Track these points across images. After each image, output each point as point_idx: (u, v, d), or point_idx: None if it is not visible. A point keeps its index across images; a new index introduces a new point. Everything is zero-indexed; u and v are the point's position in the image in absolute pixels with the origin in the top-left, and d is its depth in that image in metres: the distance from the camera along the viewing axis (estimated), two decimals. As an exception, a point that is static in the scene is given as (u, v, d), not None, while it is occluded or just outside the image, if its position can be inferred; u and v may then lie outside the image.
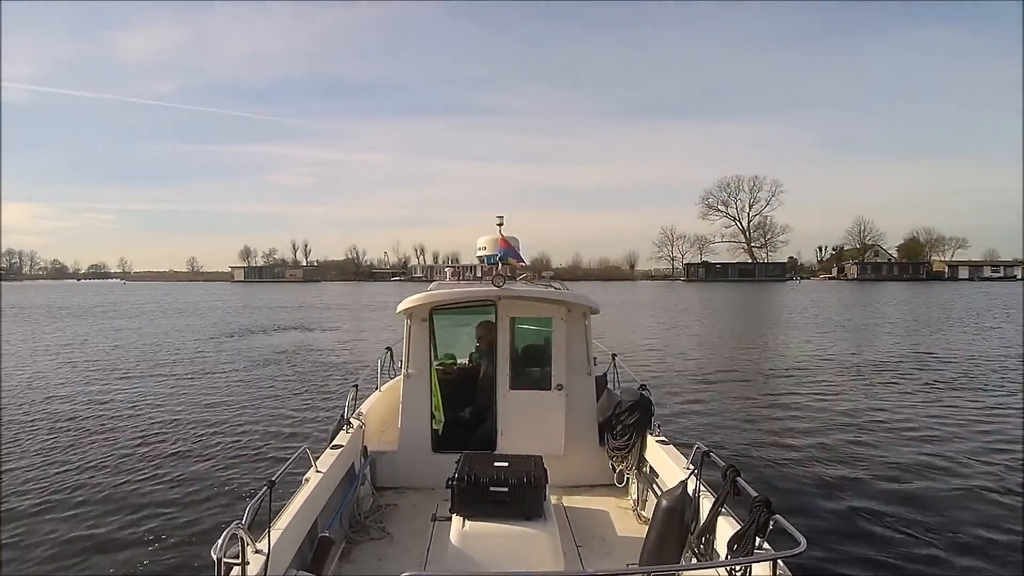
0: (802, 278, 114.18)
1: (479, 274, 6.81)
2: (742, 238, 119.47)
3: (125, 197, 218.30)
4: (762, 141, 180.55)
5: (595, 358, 6.26)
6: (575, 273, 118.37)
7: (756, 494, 3.10)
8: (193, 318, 34.61)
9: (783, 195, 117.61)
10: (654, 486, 4.94)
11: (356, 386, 5.96)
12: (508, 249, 5.79)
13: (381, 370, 7.22)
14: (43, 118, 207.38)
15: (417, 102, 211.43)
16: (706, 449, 3.91)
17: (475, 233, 6.29)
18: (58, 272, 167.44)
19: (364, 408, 6.22)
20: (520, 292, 5.59)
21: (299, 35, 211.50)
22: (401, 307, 5.64)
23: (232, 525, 2.77)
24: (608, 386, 6.72)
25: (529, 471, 3.80)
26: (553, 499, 5.28)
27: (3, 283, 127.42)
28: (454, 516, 3.74)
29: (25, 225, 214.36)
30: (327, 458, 4.65)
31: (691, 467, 4.11)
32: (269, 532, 3.18)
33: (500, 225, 5.85)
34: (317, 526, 4.05)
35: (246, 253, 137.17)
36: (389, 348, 7.37)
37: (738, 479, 3.40)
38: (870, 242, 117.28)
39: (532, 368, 5.86)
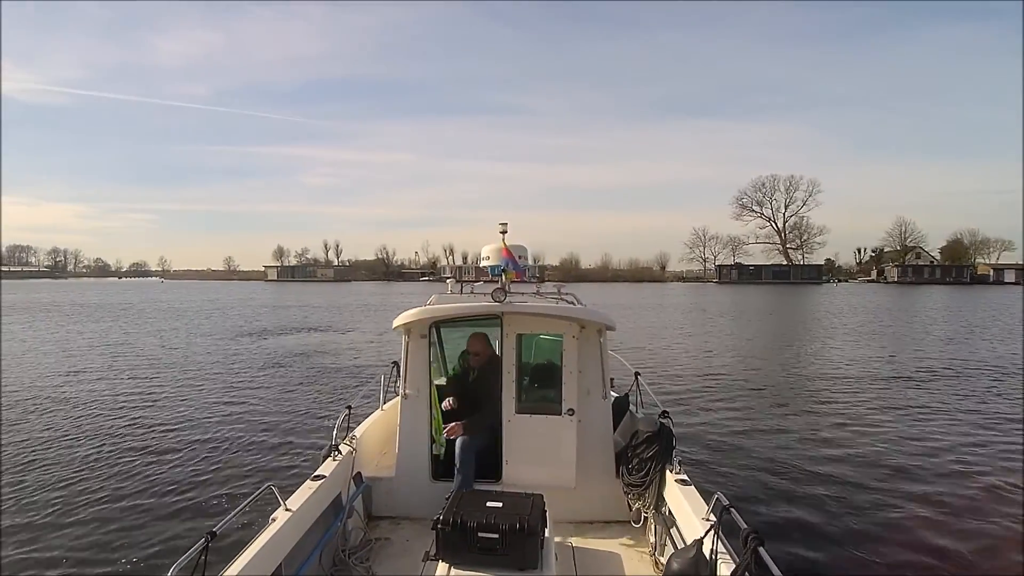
0: (839, 280, 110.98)
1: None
2: (777, 239, 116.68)
3: (164, 197, 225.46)
4: (797, 140, 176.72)
5: (612, 379, 5.72)
6: (604, 274, 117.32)
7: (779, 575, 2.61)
8: (215, 318, 34.77)
9: (820, 195, 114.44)
10: (672, 532, 4.38)
11: (349, 407, 5.44)
12: (508, 259, 5.22)
13: (386, 386, 6.67)
14: (85, 121, 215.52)
15: (444, 103, 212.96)
16: (727, 504, 3.39)
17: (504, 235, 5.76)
18: (101, 270, 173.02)
19: (362, 429, 5.75)
20: (524, 308, 5.00)
21: (327, 38, 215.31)
22: (397, 322, 5.12)
23: None
24: (631, 408, 6.18)
25: (524, 515, 3.36)
26: (561, 537, 4.75)
27: (50, 280, 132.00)
28: (439, 563, 3.34)
29: (70, 224, 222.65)
30: (303, 492, 4.20)
31: (710, 520, 3.54)
32: None
33: (504, 233, 5.29)
34: (281, 573, 3.62)
35: (279, 253, 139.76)
36: (395, 363, 6.70)
37: (760, 549, 2.86)
38: (911, 244, 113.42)
39: (541, 390, 5.31)
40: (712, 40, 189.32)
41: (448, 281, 5.92)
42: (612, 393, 6.28)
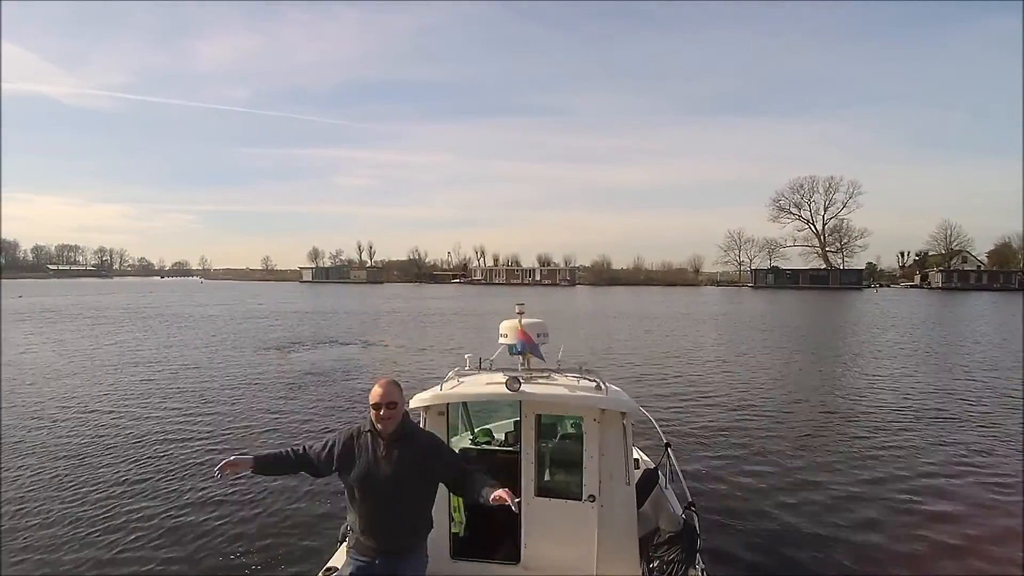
0: (881, 285, 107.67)
1: (538, 277, 5.84)
2: (816, 242, 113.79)
3: (206, 199, 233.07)
4: (836, 138, 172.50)
5: (637, 460, 5.61)
6: (636, 277, 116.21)
7: None
8: (244, 324, 35.44)
9: (861, 196, 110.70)
10: None
11: None
12: (527, 343, 5.23)
13: None
14: (130, 124, 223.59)
15: (477, 103, 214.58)
16: None
17: (534, 234, 5.59)
18: (144, 269, 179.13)
19: None
20: (541, 397, 4.95)
21: (365, 40, 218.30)
22: (413, 404, 5.09)
23: None
24: (659, 483, 6.05)
25: None
26: None
27: (96, 279, 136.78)
28: None
29: (115, 224, 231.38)
30: None
31: None
32: None
33: (520, 314, 5.26)
34: None
35: (314, 254, 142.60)
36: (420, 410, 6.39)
37: None
38: (957, 247, 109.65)
39: (561, 473, 5.25)
40: (757, 37, 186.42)
41: (466, 356, 5.86)
42: (644, 461, 6.17)
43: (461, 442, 6.46)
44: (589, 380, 5.34)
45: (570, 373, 5.54)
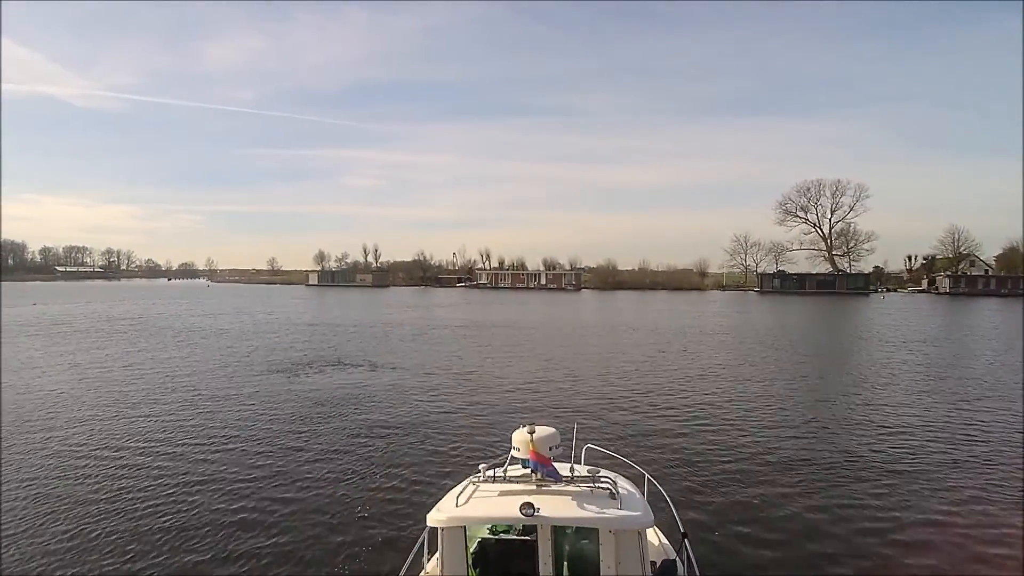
0: (888, 290, 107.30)
1: (543, 281, 5.93)
2: (822, 246, 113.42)
3: (212, 199, 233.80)
4: (844, 138, 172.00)
5: (653, 563, 5.66)
6: (642, 281, 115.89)
7: None
8: (254, 340, 35.43)
9: (868, 200, 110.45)
10: None
11: None
12: (543, 466, 5.39)
13: (429, 550, 6.13)
14: (138, 125, 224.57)
15: (481, 104, 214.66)
16: None
17: (539, 234, 5.53)
18: (151, 271, 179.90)
19: None
20: (554, 520, 5.09)
21: (371, 41, 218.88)
22: (430, 523, 5.31)
23: None
24: (678, 572, 6.08)
25: None
26: None
27: (103, 280, 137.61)
28: None
29: (122, 225, 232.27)
30: None
31: None
32: None
33: (532, 434, 5.37)
34: None
35: (320, 257, 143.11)
36: (434, 528, 5.68)
37: None
38: (965, 251, 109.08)
39: None
40: (759, 37, 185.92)
41: (481, 467, 5.94)
42: (662, 544, 6.37)
43: (479, 530, 6.49)
44: (603, 486, 5.41)
45: (583, 482, 5.54)
